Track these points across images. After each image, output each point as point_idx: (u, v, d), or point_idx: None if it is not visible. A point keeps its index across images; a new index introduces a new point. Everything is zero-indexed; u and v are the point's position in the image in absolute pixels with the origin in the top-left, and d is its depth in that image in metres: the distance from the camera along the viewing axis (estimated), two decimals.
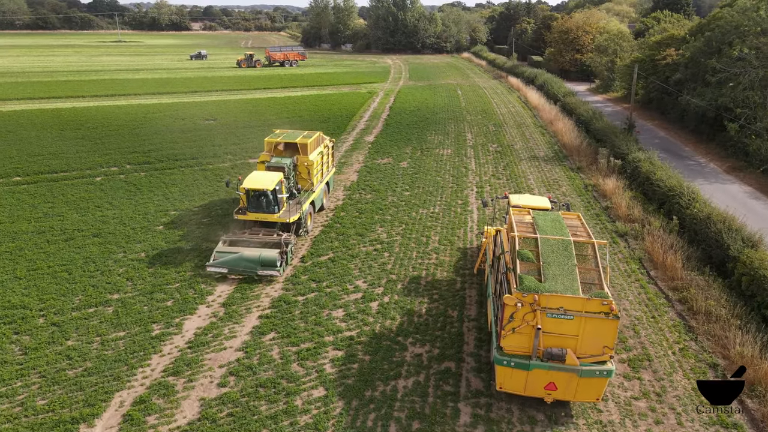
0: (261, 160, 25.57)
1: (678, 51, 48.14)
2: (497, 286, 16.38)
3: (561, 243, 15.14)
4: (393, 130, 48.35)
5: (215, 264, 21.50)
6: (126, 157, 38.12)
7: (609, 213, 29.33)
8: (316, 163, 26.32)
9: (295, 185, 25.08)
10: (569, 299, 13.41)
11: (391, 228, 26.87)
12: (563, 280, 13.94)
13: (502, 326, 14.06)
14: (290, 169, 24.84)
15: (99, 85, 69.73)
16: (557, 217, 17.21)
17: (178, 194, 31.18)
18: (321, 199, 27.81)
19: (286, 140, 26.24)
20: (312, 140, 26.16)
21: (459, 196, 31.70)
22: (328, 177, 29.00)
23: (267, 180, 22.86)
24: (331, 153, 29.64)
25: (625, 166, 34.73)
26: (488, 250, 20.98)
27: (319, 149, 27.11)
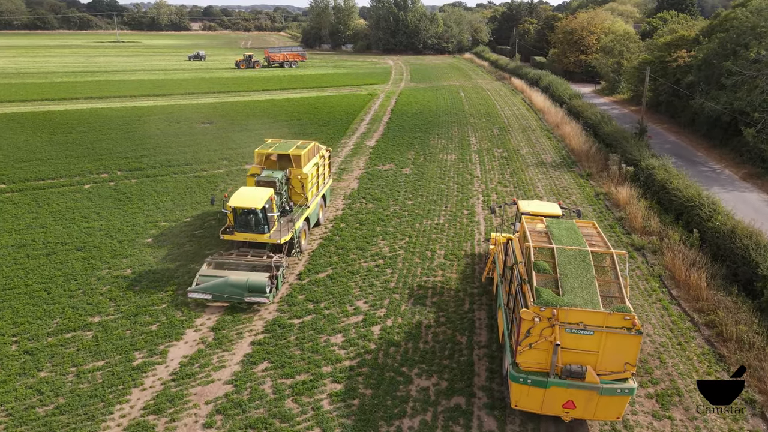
0: (251, 173, 23.61)
1: (690, 53, 46.58)
2: (509, 298, 15.73)
3: (578, 254, 14.47)
4: (395, 134, 46.83)
5: (198, 290, 19.46)
6: (117, 162, 36.61)
7: (623, 224, 27.78)
8: (311, 176, 24.41)
9: (287, 201, 23.40)
10: (589, 314, 12.80)
11: (394, 241, 25.34)
12: (582, 293, 13.31)
13: (518, 341, 13.38)
14: (282, 184, 22.94)
15: (94, 87, 68.23)
16: (572, 225, 16.46)
17: (170, 203, 29.67)
18: (317, 214, 25.97)
19: (278, 151, 24.20)
20: (306, 151, 24.30)
21: (465, 206, 30.17)
22: (324, 189, 27.10)
23: (255, 197, 20.87)
24: (328, 163, 27.75)
25: (638, 173, 33.18)
26: (497, 258, 20.11)
27: (314, 160, 25.18)
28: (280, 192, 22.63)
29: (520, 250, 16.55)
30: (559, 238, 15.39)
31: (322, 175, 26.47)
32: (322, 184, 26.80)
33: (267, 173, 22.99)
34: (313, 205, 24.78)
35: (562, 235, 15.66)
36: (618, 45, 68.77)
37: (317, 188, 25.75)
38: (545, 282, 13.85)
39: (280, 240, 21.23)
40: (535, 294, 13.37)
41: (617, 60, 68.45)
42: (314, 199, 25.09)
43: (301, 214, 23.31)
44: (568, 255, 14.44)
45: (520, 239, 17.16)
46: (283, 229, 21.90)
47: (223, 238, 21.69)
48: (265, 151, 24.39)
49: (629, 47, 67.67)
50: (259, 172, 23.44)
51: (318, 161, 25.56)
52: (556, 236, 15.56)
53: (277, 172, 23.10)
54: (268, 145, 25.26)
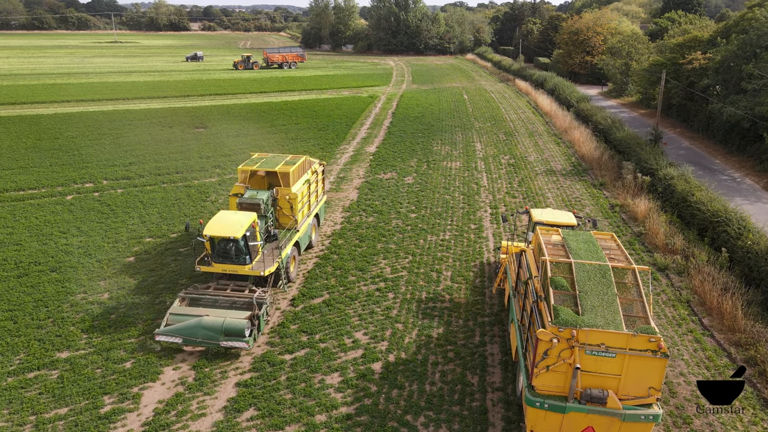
0: (233, 192, 21.37)
1: (705, 54, 44.58)
2: (523, 314, 14.98)
3: (598, 269, 13.79)
4: (396, 139, 44.88)
5: (166, 332, 16.71)
6: (104, 171, 34.67)
7: (643, 240, 25.81)
8: (302, 195, 21.99)
9: (274, 224, 21.07)
10: (611, 335, 12.11)
11: (396, 260, 23.39)
12: (603, 312, 12.62)
13: (534, 363, 12.64)
14: (268, 206, 20.52)
15: (87, 89, 66.30)
16: (590, 237, 15.71)
17: (156, 216, 27.73)
18: (309, 236, 23.39)
19: (263, 168, 21.65)
20: (296, 168, 21.81)
21: (471, 219, 28.21)
22: (317, 208, 24.55)
23: (235, 224, 18.29)
24: (322, 179, 25.21)
25: (655, 183, 31.22)
26: (509, 269, 19.19)
27: (305, 177, 22.82)
28: (265, 215, 20.25)
29: (534, 263, 15.71)
30: (576, 252, 14.63)
31: (314, 192, 24.00)
32: (315, 202, 24.34)
33: (251, 193, 20.49)
34: (303, 228, 22.28)
35: (580, 248, 14.89)
36: (626, 46, 66.77)
37: (309, 207, 23.28)
38: (563, 299, 13.08)
39: (263, 272, 18.59)
40: (552, 313, 12.61)
41: (625, 61, 66.45)
42: (305, 221, 22.61)
43: (289, 239, 20.74)
44: (587, 270, 13.73)
45: (534, 252, 16.36)
46: (268, 259, 19.40)
47: (199, 270, 19.10)
48: (249, 168, 21.78)
49: (637, 48, 65.66)
50: (242, 191, 21.01)
51: (310, 177, 23.17)
52: (573, 249, 14.79)
53: (262, 192, 20.61)
54: (254, 161, 22.54)
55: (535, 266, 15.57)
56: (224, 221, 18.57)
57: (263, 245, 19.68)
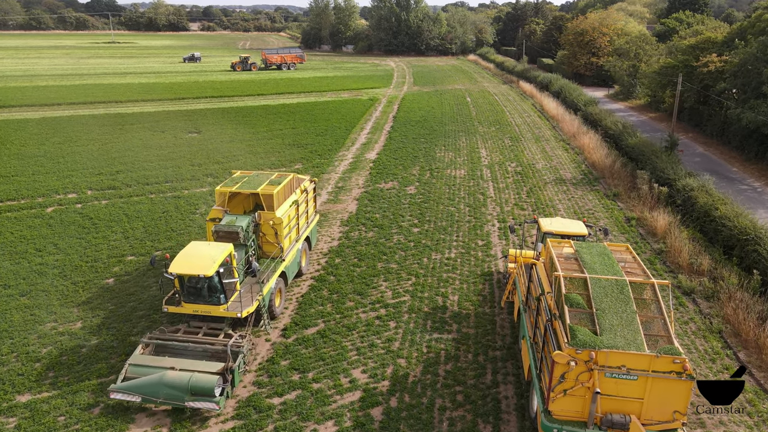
0: (210, 217, 18.82)
1: (721, 57, 42.67)
2: (536, 331, 14.22)
3: (615, 284, 13.12)
4: (397, 145, 43.00)
5: (123, 389, 14.19)
6: (89, 180, 32.82)
7: (665, 259, 23.91)
8: (288, 218, 19.52)
9: (256, 252, 18.54)
10: (633, 356, 11.49)
11: (398, 282, 21.51)
12: (623, 331, 11.97)
13: (550, 387, 11.98)
14: (248, 233, 17.96)
15: (79, 91, 64.44)
16: (604, 250, 15.00)
17: (141, 231, 25.88)
18: (297, 264, 20.85)
19: (244, 190, 19.14)
20: (281, 188, 19.29)
21: (479, 234, 26.33)
22: (307, 231, 22.05)
23: (206, 259, 15.53)
24: (313, 197, 22.77)
25: (674, 194, 29.33)
26: (518, 281, 18.39)
27: (293, 198, 20.33)
28: (245, 244, 17.78)
29: (547, 278, 14.90)
30: (591, 266, 13.95)
31: (303, 213, 21.51)
32: (305, 224, 21.89)
33: (229, 219, 17.94)
34: (291, 255, 19.79)
35: (595, 261, 14.20)
36: (633, 47, 64.86)
37: (297, 231, 20.75)
38: (579, 318, 12.40)
39: (240, 313, 16.06)
40: (569, 333, 11.95)
41: (633, 63, 64.56)
42: (293, 247, 20.13)
43: (273, 271, 18.30)
44: (604, 286, 13.05)
45: (546, 265, 15.60)
46: (246, 298, 16.85)
47: (166, 311, 16.53)
48: (227, 189, 19.21)
49: (645, 50, 63.76)
50: (220, 215, 18.57)
51: (298, 197, 20.71)
52: (587, 263, 14.11)
53: (242, 218, 18.05)
54: (234, 180, 20.04)
55: (547, 281, 14.70)
56: (194, 256, 15.85)
57: (242, 280, 17.12)
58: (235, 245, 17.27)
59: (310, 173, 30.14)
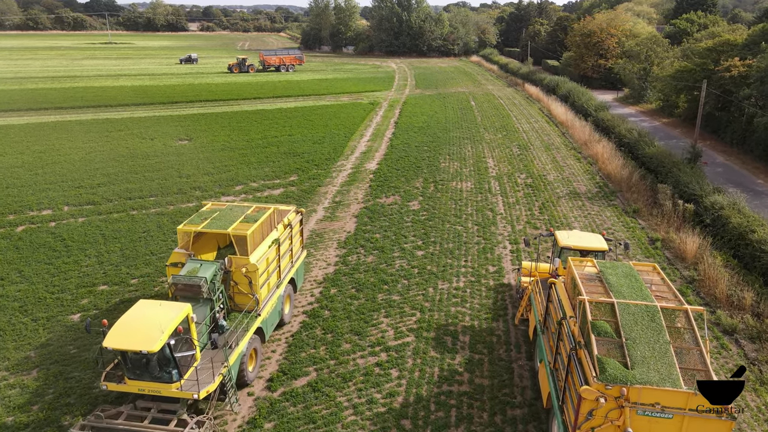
0: (171, 261, 15.79)
1: (744, 61, 40.21)
2: (557, 357, 13.30)
3: (645, 310, 12.13)
4: (399, 154, 40.58)
5: None
6: (66, 194, 30.43)
7: (698, 289, 21.48)
8: (267, 262, 16.31)
9: (225, 305, 15.38)
10: (668, 393, 10.65)
11: (401, 319, 19.11)
12: (657, 365, 11.08)
13: (576, 425, 11.08)
14: (215, 285, 14.78)
15: (69, 95, 62.04)
16: (631, 270, 13.96)
17: (118, 255, 23.47)
18: (278, 313, 17.65)
19: (211, 230, 15.89)
20: (257, 227, 16.03)
21: (489, 258, 23.90)
22: (291, 272, 18.82)
23: (150, 330, 12.18)
24: (299, 230, 19.73)
25: (700, 212, 26.89)
26: (534, 298, 17.23)
27: (273, 236, 17.09)
28: (210, 298, 14.55)
29: (568, 300, 13.89)
30: (618, 289, 12.94)
31: (287, 252, 18.34)
32: (288, 264, 18.65)
33: (191, 267, 14.72)
34: (269, 306, 16.58)
35: (621, 283, 13.18)
36: (644, 49, 62.37)
37: (279, 275, 17.60)
38: (607, 348, 11.42)
39: (197, 395, 12.67)
40: (597, 366, 11.02)
41: (644, 66, 62.07)
42: (273, 295, 16.98)
43: (246, 330, 14.94)
44: (633, 312, 12.05)
45: (567, 286, 14.57)
46: (207, 371, 13.22)
47: (105, 389, 13.23)
48: (192, 228, 15.93)
49: (657, 52, 61.28)
50: (182, 260, 15.52)
51: (280, 235, 17.51)
52: (613, 286, 13.10)
53: (208, 265, 14.82)
54: (201, 216, 16.74)
55: (569, 304, 13.71)
56: (136, 324, 12.55)
57: (205, 346, 13.77)
58: (198, 300, 14.32)
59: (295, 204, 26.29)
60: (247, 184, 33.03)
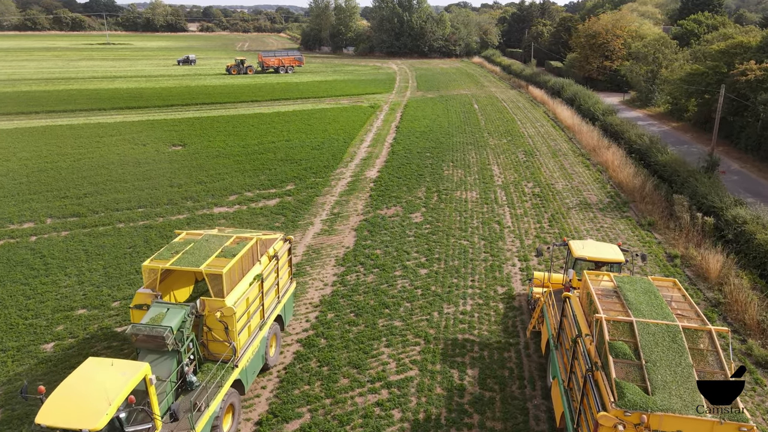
0: (135, 303, 13.63)
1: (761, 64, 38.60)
2: (572, 376, 12.73)
3: (666, 330, 11.55)
4: (401, 161, 39.00)
5: None
6: (50, 205, 28.89)
7: (724, 313, 19.89)
8: (247, 303, 14.07)
9: (196, 355, 13.15)
10: (692, 422, 9.94)
11: (403, 348, 17.53)
12: (679, 390, 10.46)
13: None
14: (183, 335, 12.50)
15: (62, 98, 60.54)
16: (650, 286, 13.33)
17: (100, 274, 21.91)
18: (261, 358, 15.33)
19: (181, 267, 13.64)
20: (235, 263, 13.87)
21: (497, 278, 22.32)
22: (278, 309, 16.52)
23: (93, 403, 9.73)
24: (287, 260, 17.41)
25: (721, 226, 25.31)
26: (547, 310, 16.61)
27: (255, 271, 14.91)
28: (178, 350, 12.31)
29: (584, 317, 13.30)
30: (637, 307, 12.30)
31: (273, 287, 16.07)
32: (274, 301, 16.40)
33: (156, 312, 12.57)
34: (251, 352, 14.38)
35: (640, 300, 12.55)
36: (652, 51, 60.78)
37: (262, 314, 15.26)
38: (626, 371, 10.85)
39: None
40: (615, 391, 10.48)
41: (651, 68, 60.48)
42: (255, 338, 14.71)
43: (220, 385, 12.85)
44: (653, 332, 11.47)
45: (582, 301, 13.93)
46: None
47: None
48: (159, 264, 13.74)
49: (665, 54, 59.69)
50: (148, 302, 13.45)
51: (263, 269, 15.33)
52: (632, 303, 12.48)
53: (176, 310, 12.61)
54: (173, 249, 14.56)
55: (584, 320, 13.12)
56: (78, 392, 9.99)
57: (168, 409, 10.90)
58: (163, 353, 12.14)
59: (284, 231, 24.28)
60: (241, 194, 31.48)
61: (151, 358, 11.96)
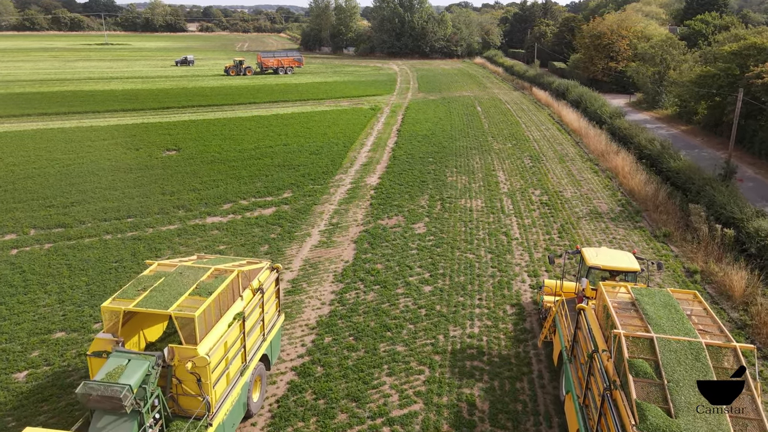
0: (92, 350, 11.67)
1: None
2: (588, 393, 12.14)
3: (689, 348, 10.74)
4: (403, 166, 37.60)
5: None
6: (35, 215, 27.51)
7: (751, 336, 18.49)
8: (225, 348, 12.19)
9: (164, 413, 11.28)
10: None
11: (407, 377, 16.13)
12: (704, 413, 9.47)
13: None
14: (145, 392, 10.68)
15: (55, 100, 59.18)
16: (670, 299, 12.65)
17: (83, 292, 20.53)
18: (242, 407, 13.47)
19: (146, 309, 11.66)
20: (210, 303, 11.94)
21: (506, 296, 20.92)
22: (262, 349, 14.54)
23: None
24: (275, 290, 15.54)
25: (742, 239, 23.90)
26: (559, 321, 16.00)
27: (235, 309, 12.98)
28: (138, 410, 10.48)
29: (600, 331, 12.56)
30: (656, 321, 11.64)
31: (257, 324, 14.18)
32: (259, 339, 14.39)
33: (114, 365, 10.77)
34: (228, 404, 12.47)
35: (660, 315, 11.88)
36: (659, 52, 59.36)
37: (243, 359, 13.32)
38: (647, 391, 10.10)
39: None
40: (636, 413, 9.71)
41: (659, 70, 59.05)
42: (234, 386, 12.80)
43: None
44: (675, 350, 10.80)
45: (598, 314, 13.18)
46: None
47: None
48: (121, 305, 11.77)
49: (673, 55, 58.28)
50: (108, 348, 11.52)
51: (246, 305, 13.42)
52: (651, 317, 11.81)
53: (138, 362, 10.81)
54: (141, 284, 12.55)
55: (600, 335, 12.39)
56: None
57: None
58: (120, 416, 10.36)
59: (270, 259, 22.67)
60: (236, 202, 30.12)
61: (107, 420, 10.31)
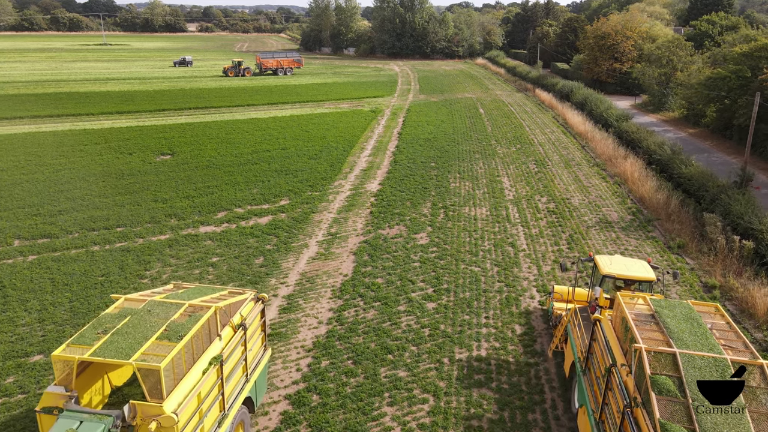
0: (42, 406, 10.01)
1: None
2: (605, 408, 11.46)
3: (713, 364, 10.22)
4: (404, 171, 36.39)
5: None
6: (20, 224, 26.33)
7: None
8: (198, 400, 10.61)
9: None
10: None
11: (409, 407, 14.92)
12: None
13: None
14: None
15: (49, 102, 58.02)
16: (691, 312, 12.02)
17: (65, 309, 19.34)
18: None
19: (103, 358, 9.93)
20: (180, 348, 10.33)
21: (514, 315, 19.71)
22: (246, 391, 12.84)
23: None
24: (261, 324, 13.88)
25: (762, 252, 22.68)
26: (571, 330, 15.34)
27: (212, 353, 11.34)
28: None
29: (618, 344, 12.15)
30: (678, 336, 11.07)
31: (239, 364, 12.63)
32: (242, 381, 12.80)
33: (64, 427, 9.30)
34: None
35: (682, 329, 11.31)
36: (666, 53, 58.14)
37: (221, 407, 11.72)
38: (671, 410, 9.52)
39: None
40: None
41: (665, 71, 57.83)
42: None
43: None
44: (699, 366, 10.19)
45: (616, 326, 12.74)
46: None
47: None
48: (74, 354, 10.08)
49: (680, 56, 57.05)
50: (59, 404, 9.88)
51: (225, 346, 11.81)
52: (673, 331, 11.25)
53: (92, 424, 9.34)
54: (101, 325, 10.84)
55: (618, 348, 11.98)
56: None
57: None
58: None
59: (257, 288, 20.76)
60: (231, 210, 28.94)
61: None
